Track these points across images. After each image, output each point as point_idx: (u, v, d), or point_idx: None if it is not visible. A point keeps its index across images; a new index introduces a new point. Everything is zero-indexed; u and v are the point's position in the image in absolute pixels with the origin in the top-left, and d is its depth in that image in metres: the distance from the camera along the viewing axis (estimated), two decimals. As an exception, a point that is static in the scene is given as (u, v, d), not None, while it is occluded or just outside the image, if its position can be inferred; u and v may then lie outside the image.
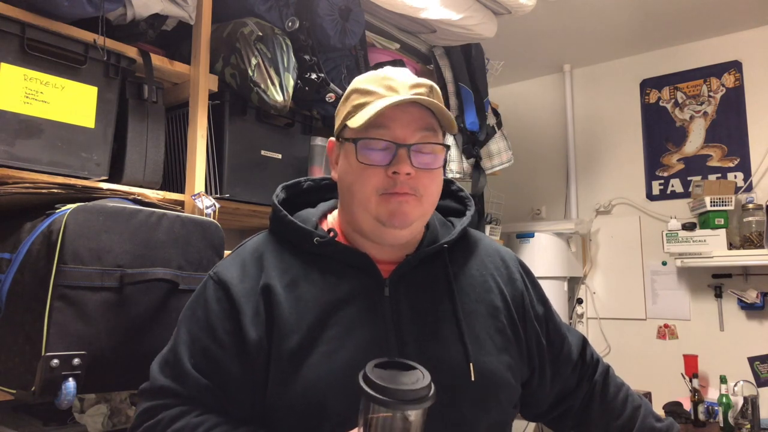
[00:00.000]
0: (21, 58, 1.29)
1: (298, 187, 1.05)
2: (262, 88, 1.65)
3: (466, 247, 1.02)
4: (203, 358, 0.87)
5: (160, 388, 0.88)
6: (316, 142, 1.98)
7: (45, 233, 1.14)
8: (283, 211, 0.96)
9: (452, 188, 1.11)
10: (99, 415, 1.56)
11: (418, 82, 0.90)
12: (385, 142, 0.87)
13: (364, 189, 0.88)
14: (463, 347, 0.89)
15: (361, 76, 0.95)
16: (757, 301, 2.91)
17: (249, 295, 0.89)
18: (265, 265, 0.92)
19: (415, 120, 0.88)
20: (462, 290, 0.95)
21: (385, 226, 0.89)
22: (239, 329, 0.87)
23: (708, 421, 2.79)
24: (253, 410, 0.87)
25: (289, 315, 0.87)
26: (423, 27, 2.37)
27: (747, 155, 3.09)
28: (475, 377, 0.87)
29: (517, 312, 0.98)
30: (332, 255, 0.92)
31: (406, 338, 0.88)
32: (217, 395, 0.86)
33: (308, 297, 0.89)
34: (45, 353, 1.07)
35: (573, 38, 3.26)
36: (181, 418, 0.84)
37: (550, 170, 3.69)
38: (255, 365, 0.86)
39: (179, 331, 0.92)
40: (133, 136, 1.49)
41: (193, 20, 1.66)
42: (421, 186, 0.89)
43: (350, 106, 0.91)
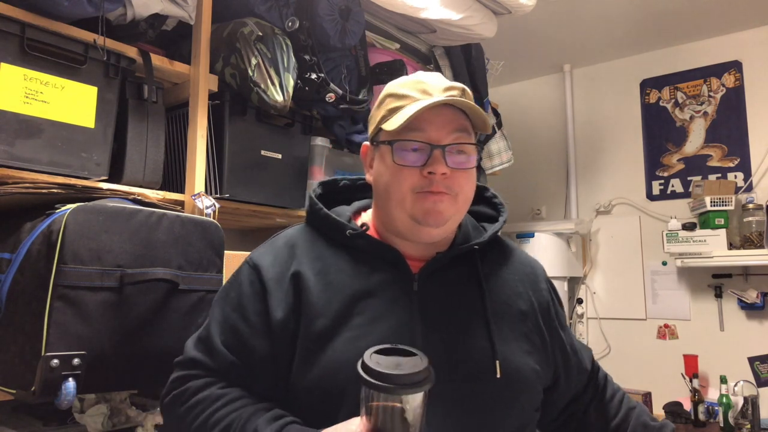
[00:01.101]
0: (21, 58, 1.29)
1: (335, 185, 1.09)
2: (262, 88, 1.65)
3: (498, 252, 1.05)
4: (232, 336, 0.92)
5: (191, 359, 0.94)
6: (316, 142, 1.98)
7: (45, 233, 1.14)
8: (319, 204, 1.00)
9: (486, 194, 1.14)
10: (99, 415, 1.56)
11: (451, 85, 0.94)
12: (421, 144, 0.90)
13: (401, 188, 0.91)
14: (490, 344, 0.91)
15: (395, 81, 0.98)
16: (757, 301, 2.91)
17: (279, 279, 0.93)
18: (297, 253, 0.96)
19: (449, 121, 0.92)
20: (492, 291, 0.97)
21: (420, 225, 0.92)
22: (267, 310, 0.91)
23: (708, 421, 2.78)
24: (276, 389, 0.90)
25: (317, 299, 0.90)
26: (423, 27, 2.37)
27: (747, 155, 3.09)
28: (501, 374, 0.89)
29: (544, 319, 1.01)
30: (363, 248, 0.95)
31: (433, 332, 0.90)
32: (242, 372, 0.91)
33: (338, 284, 0.92)
34: (45, 353, 1.07)
35: (573, 38, 3.26)
36: (206, 388, 0.90)
37: (550, 170, 3.69)
38: (280, 345, 0.89)
39: (213, 310, 0.98)
40: (133, 136, 1.49)
41: (193, 20, 1.66)
42: (456, 185, 0.92)
43: (385, 110, 0.94)
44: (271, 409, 0.87)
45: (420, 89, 0.93)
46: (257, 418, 0.84)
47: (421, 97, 0.92)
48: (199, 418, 0.87)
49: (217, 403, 0.87)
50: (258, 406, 0.87)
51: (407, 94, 0.93)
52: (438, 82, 0.94)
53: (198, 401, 0.89)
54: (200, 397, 0.89)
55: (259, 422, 0.83)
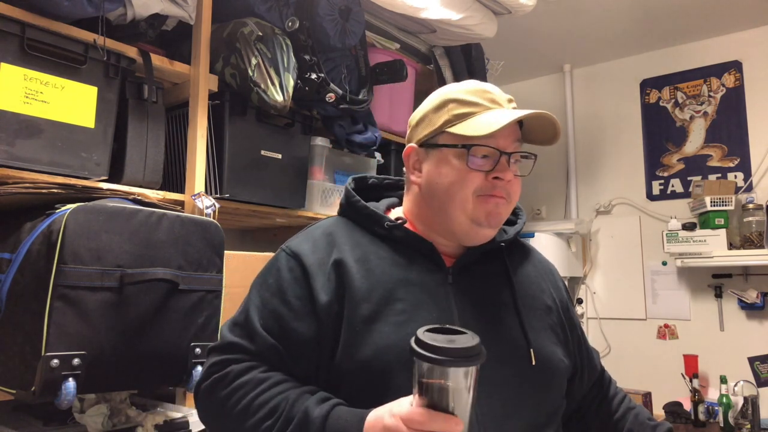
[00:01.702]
0: (21, 58, 1.29)
1: (364, 182, 1.13)
2: (262, 88, 1.65)
3: (520, 251, 1.11)
4: (272, 320, 0.93)
5: (230, 343, 0.94)
6: (316, 142, 1.98)
7: (45, 233, 1.14)
8: (357, 197, 1.04)
9: None
10: (99, 415, 1.56)
11: (509, 97, 1.01)
12: (491, 150, 0.95)
13: (464, 191, 0.95)
14: (523, 334, 0.96)
15: (454, 87, 1.01)
16: (757, 301, 2.91)
17: (321, 265, 0.95)
18: (337, 241, 0.98)
19: (513, 132, 0.98)
20: (520, 285, 1.02)
21: (480, 227, 0.96)
22: (310, 294, 0.93)
23: (708, 421, 2.78)
24: (317, 372, 0.92)
25: (360, 284, 0.92)
26: (423, 27, 2.37)
27: (747, 155, 3.09)
28: (535, 362, 0.94)
29: (565, 316, 1.07)
30: (400, 239, 0.99)
31: (469, 322, 0.93)
32: (283, 355, 0.91)
33: (378, 271, 0.95)
34: (45, 353, 1.07)
35: (573, 38, 3.26)
36: (248, 372, 0.90)
37: (550, 170, 3.69)
38: (324, 327, 0.91)
39: (250, 296, 0.99)
40: (133, 136, 1.49)
41: (193, 20, 1.66)
42: (513, 191, 0.98)
43: (449, 114, 0.97)
44: (317, 392, 0.88)
45: (488, 98, 0.97)
46: (305, 399, 0.85)
47: (491, 106, 0.96)
48: (243, 401, 0.87)
49: (261, 385, 0.88)
50: (303, 388, 0.88)
51: (476, 101, 0.97)
52: (500, 92, 1.00)
53: (241, 384, 0.89)
54: (243, 380, 0.89)
55: (309, 403, 0.84)
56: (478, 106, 0.97)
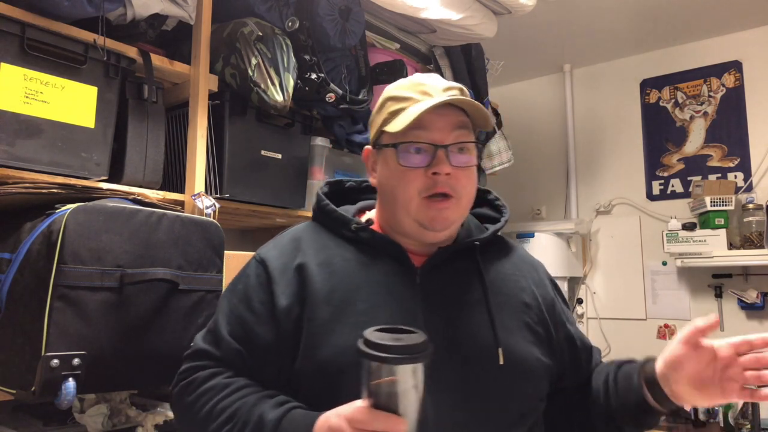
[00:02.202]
0: (21, 58, 1.29)
1: (340, 185, 1.13)
2: (262, 88, 1.65)
3: (500, 250, 1.07)
4: (238, 326, 0.95)
5: (199, 350, 0.98)
6: (316, 142, 1.98)
7: (45, 233, 1.14)
8: (326, 200, 1.04)
9: (489, 197, 1.17)
10: (99, 415, 1.56)
11: (450, 85, 0.97)
12: (424, 145, 0.93)
13: (407, 191, 0.94)
14: (492, 333, 0.93)
15: (394, 84, 1.00)
16: (757, 301, 2.91)
17: (284, 270, 0.96)
18: (302, 246, 1.00)
19: (450, 121, 0.94)
20: (493, 283, 0.99)
21: (426, 229, 0.95)
22: (271, 298, 0.94)
23: (708, 422, 2.78)
24: (280, 376, 0.93)
25: (321, 287, 0.93)
26: (423, 27, 2.37)
27: (747, 155, 3.09)
28: (504, 361, 0.91)
29: (549, 314, 1.02)
30: (367, 241, 0.98)
31: (435, 322, 0.91)
32: (247, 360, 0.93)
33: (341, 273, 0.95)
34: (45, 353, 1.07)
35: (573, 38, 3.26)
36: (212, 378, 0.93)
37: (550, 170, 3.69)
38: (284, 331, 0.92)
39: (221, 303, 1.02)
40: (133, 136, 1.49)
41: (193, 20, 1.66)
42: (459, 186, 0.94)
43: (386, 113, 0.96)
44: (276, 396, 0.89)
45: (420, 91, 0.94)
46: (262, 403, 0.86)
47: (422, 98, 0.93)
48: (206, 406, 0.89)
49: (223, 391, 0.89)
50: (263, 393, 0.89)
51: (408, 96, 0.94)
52: (437, 82, 0.96)
53: (205, 390, 0.91)
54: (207, 387, 0.91)
55: (264, 407, 0.85)
56: (409, 101, 0.94)
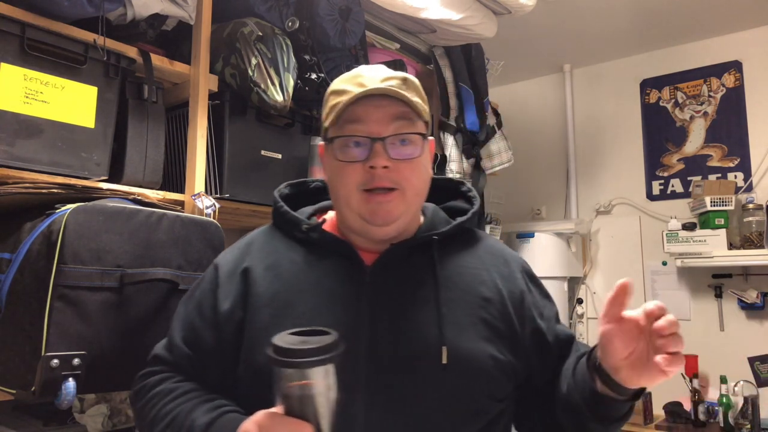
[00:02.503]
0: (21, 58, 1.29)
1: (304, 186, 1.11)
2: (262, 88, 1.65)
3: (465, 243, 1.02)
4: (190, 331, 0.96)
5: (154, 356, 1.00)
6: (316, 142, 1.98)
7: (45, 233, 1.14)
8: (280, 202, 1.03)
9: (462, 189, 1.12)
10: (99, 415, 1.56)
11: (389, 75, 0.92)
12: (360, 138, 0.90)
13: (345, 186, 0.91)
14: (438, 331, 0.89)
15: (338, 78, 0.97)
16: (757, 301, 2.91)
17: (231, 275, 0.97)
18: (252, 250, 1.00)
19: (388, 113, 0.90)
20: (448, 278, 0.95)
21: (369, 224, 0.92)
22: (216, 303, 0.95)
23: (708, 422, 2.78)
24: (225, 380, 0.93)
25: (264, 291, 0.93)
26: (423, 27, 2.37)
27: (747, 155, 3.09)
28: (448, 361, 0.87)
29: (514, 307, 0.96)
30: (318, 242, 0.97)
31: (379, 322, 0.89)
32: (196, 364, 0.95)
33: (286, 276, 0.94)
34: (45, 353, 1.07)
35: (573, 38, 3.26)
36: (161, 383, 0.94)
37: (550, 170, 3.69)
38: (226, 336, 0.92)
39: (179, 308, 1.02)
40: (133, 136, 1.49)
41: (193, 20, 1.66)
42: (401, 178, 0.90)
43: (327, 108, 0.95)
44: (215, 400, 0.89)
45: (357, 83, 0.92)
46: (198, 408, 0.87)
47: (357, 90, 0.90)
48: (151, 412, 0.91)
49: (167, 397, 0.91)
50: (203, 398, 0.90)
51: (345, 89, 0.92)
52: (375, 74, 0.93)
53: (152, 396, 0.93)
54: (154, 392, 0.93)
55: (198, 413, 0.86)
56: (345, 94, 0.91)
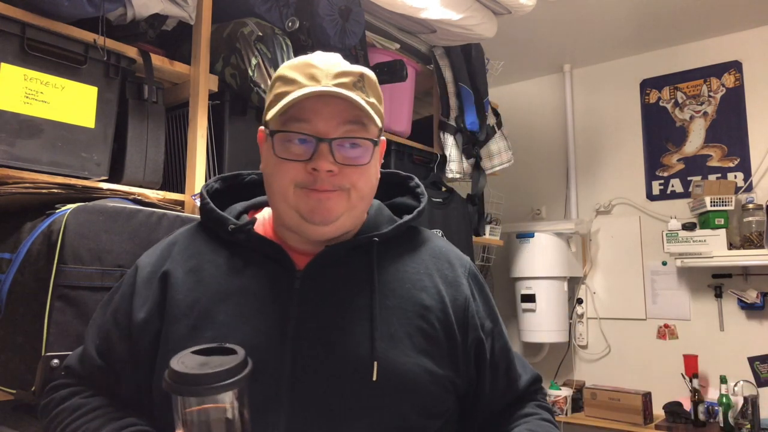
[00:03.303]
0: (21, 58, 1.29)
1: (239, 179, 1.01)
2: (262, 88, 1.65)
3: (407, 244, 0.94)
4: (104, 340, 0.89)
5: (65, 367, 0.93)
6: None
7: (45, 233, 1.14)
8: (206, 198, 0.93)
9: (410, 184, 1.03)
10: (99, 415, 1.56)
11: (343, 71, 0.83)
12: (305, 136, 0.81)
13: (282, 182, 0.83)
14: (370, 344, 0.81)
15: (287, 62, 0.88)
16: (757, 301, 2.91)
17: (149, 280, 0.88)
18: (173, 251, 0.91)
19: (339, 112, 0.82)
20: (386, 285, 0.87)
21: (307, 222, 0.84)
22: (131, 311, 0.87)
23: (708, 421, 2.79)
24: (139, 394, 0.86)
25: (183, 299, 0.85)
26: (423, 27, 2.37)
27: (747, 155, 3.09)
28: (378, 377, 0.80)
29: (456, 316, 0.89)
30: (245, 244, 0.88)
31: (307, 332, 0.82)
32: (109, 376, 0.88)
33: (208, 281, 0.86)
34: (45, 353, 1.07)
35: (573, 38, 3.26)
36: (69, 398, 0.87)
37: (550, 170, 3.69)
38: (140, 348, 0.84)
39: (96, 313, 0.95)
40: (133, 136, 1.49)
41: (193, 20, 1.66)
42: (346, 182, 0.83)
43: (272, 94, 0.85)
44: (124, 418, 0.83)
45: (308, 74, 0.82)
46: (105, 427, 0.80)
47: (307, 83, 0.82)
48: (57, 429, 0.84)
49: (73, 414, 0.84)
50: (112, 415, 0.83)
51: (294, 78, 0.83)
52: (329, 66, 0.83)
53: (58, 412, 0.86)
54: (60, 408, 0.86)
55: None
56: (294, 84, 0.82)
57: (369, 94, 0.85)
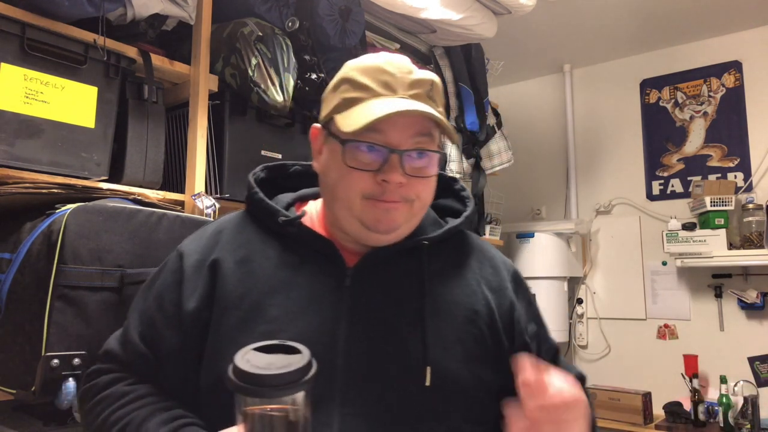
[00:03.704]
0: (21, 58, 1.29)
1: (283, 170, 1.01)
2: (262, 88, 1.65)
3: (457, 248, 0.94)
4: (148, 327, 0.87)
5: (106, 352, 0.90)
6: (316, 142, 1.98)
7: (45, 233, 1.14)
8: (255, 188, 0.92)
9: (455, 187, 1.03)
10: (99, 415, 1.56)
11: (417, 79, 0.83)
12: (376, 145, 0.80)
13: (348, 192, 0.82)
14: (423, 348, 0.81)
15: (355, 63, 0.85)
16: (757, 301, 2.91)
17: (197, 268, 0.86)
18: (222, 240, 0.89)
19: (413, 124, 0.81)
20: (436, 290, 0.87)
21: (369, 230, 0.83)
22: (180, 300, 0.85)
23: (708, 421, 2.79)
24: (186, 385, 0.84)
25: (233, 289, 0.83)
26: (423, 27, 2.37)
27: (747, 155, 3.09)
28: (431, 382, 0.79)
29: (503, 321, 0.89)
30: (296, 237, 0.87)
31: (358, 333, 0.81)
32: (152, 365, 0.85)
33: (259, 273, 0.85)
34: (45, 353, 1.07)
35: (573, 38, 3.26)
36: (113, 384, 0.85)
37: (550, 170, 3.69)
38: (190, 338, 0.83)
39: (137, 298, 0.93)
40: (133, 136, 1.49)
41: (193, 20, 1.66)
42: (412, 193, 0.83)
43: (340, 97, 0.84)
44: (172, 409, 0.81)
45: (381, 81, 0.81)
46: (152, 418, 0.78)
47: (382, 92, 0.80)
48: (100, 416, 0.82)
49: (120, 401, 0.82)
50: (159, 406, 0.81)
51: (367, 84, 0.81)
52: (403, 73, 0.82)
53: (102, 398, 0.84)
54: (105, 394, 0.84)
55: (152, 424, 0.77)
56: (367, 91, 0.81)
57: (438, 103, 0.85)
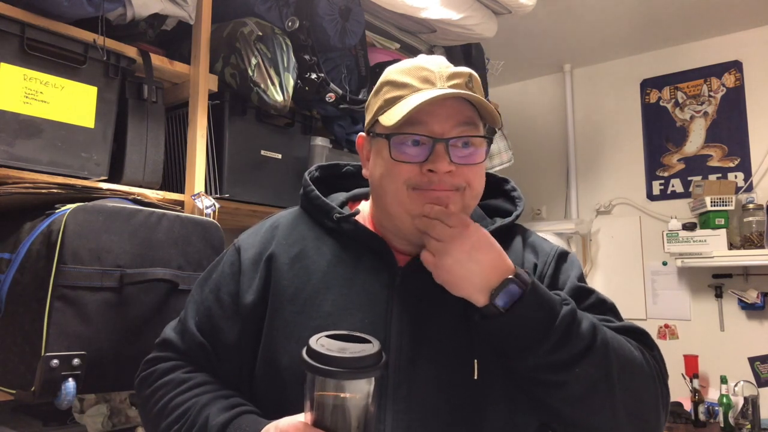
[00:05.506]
0: (21, 58, 1.29)
1: (336, 169, 1.04)
2: (262, 88, 1.65)
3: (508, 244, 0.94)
4: (205, 318, 0.90)
5: (164, 340, 0.94)
6: (316, 142, 1.98)
7: (45, 233, 1.14)
8: (311, 186, 0.95)
9: (506, 187, 1.03)
10: (99, 415, 1.56)
11: (455, 72, 0.85)
12: (421, 137, 0.82)
13: (395, 183, 0.83)
14: (470, 343, 0.83)
15: (394, 67, 0.89)
16: (757, 301, 2.91)
17: (254, 262, 0.90)
18: (277, 234, 0.93)
19: (454, 114, 0.83)
20: None
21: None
22: (238, 293, 0.89)
23: (708, 422, 2.78)
24: (241, 375, 0.88)
25: (288, 284, 0.87)
26: (423, 27, 2.37)
27: (747, 155, 3.09)
28: (479, 376, 0.81)
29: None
30: (350, 234, 0.90)
31: (407, 328, 0.83)
32: (210, 355, 0.89)
33: (313, 269, 0.88)
34: (45, 353, 1.07)
35: (573, 38, 3.26)
36: (172, 371, 0.89)
37: (550, 170, 3.69)
38: (247, 330, 0.87)
39: (194, 290, 0.96)
40: (133, 136, 1.49)
41: (193, 20, 1.66)
42: (462, 180, 0.83)
43: (382, 99, 0.86)
44: (231, 397, 0.84)
45: (421, 77, 0.84)
46: (213, 405, 0.81)
47: (422, 86, 0.83)
48: (160, 402, 0.85)
49: (179, 387, 0.86)
50: (218, 393, 0.84)
51: (407, 82, 0.84)
52: (441, 68, 0.85)
53: (162, 384, 0.87)
54: (164, 381, 0.88)
55: (213, 410, 0.80)
56: (407, 88, 0.83)
57: (478, 94, 0.85)
